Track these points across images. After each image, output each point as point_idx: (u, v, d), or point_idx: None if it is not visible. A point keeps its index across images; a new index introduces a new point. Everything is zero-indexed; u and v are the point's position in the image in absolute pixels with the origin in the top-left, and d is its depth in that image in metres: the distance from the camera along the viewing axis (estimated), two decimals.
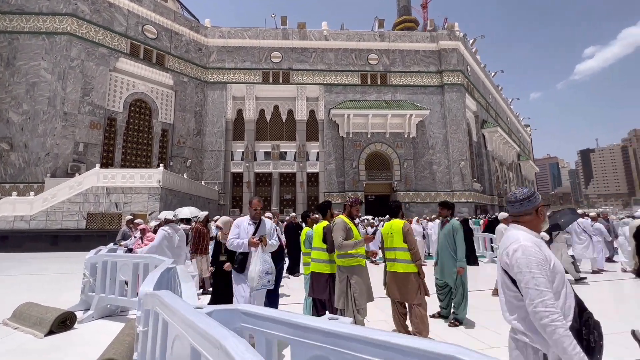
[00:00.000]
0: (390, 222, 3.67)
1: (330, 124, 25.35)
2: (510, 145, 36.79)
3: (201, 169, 24.03)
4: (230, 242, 3.33)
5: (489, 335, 3.63)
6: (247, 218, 3.61)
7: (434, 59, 27.23)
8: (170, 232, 4.74)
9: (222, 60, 25.62)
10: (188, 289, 1.85)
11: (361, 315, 3.10)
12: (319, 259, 3.71)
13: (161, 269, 2.65)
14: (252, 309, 1.36)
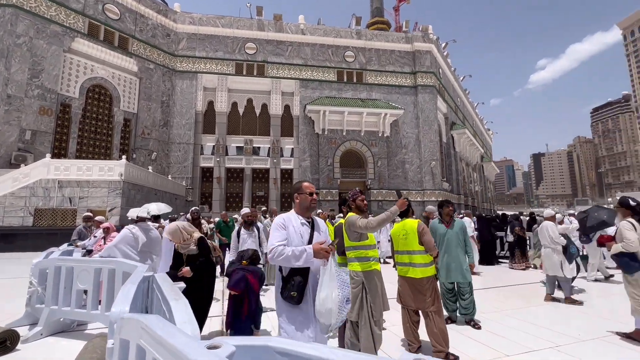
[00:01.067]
0: (402, 222, 3.38)
1: (306, 120, 24.91)
2: (475, 147, 38.59)
3: (168, 163, 22.56)
4: (279, 252, 2.02)
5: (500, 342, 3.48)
6: (294, 215, 2.30)
7: (409, 59, 27.70)
8: (135, 232, 4.09)
9: (192, 48, 24.19)
10: (182, 312, 1.40)
11: (379, 328, 2.76)
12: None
13: (136, 279, 2.14)
14: (291, 347, 0.97)
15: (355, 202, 3.06)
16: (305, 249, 2.01)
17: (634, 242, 3.53)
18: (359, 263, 2.86)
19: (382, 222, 2.66)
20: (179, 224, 3.33)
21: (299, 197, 2.29)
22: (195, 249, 3.31)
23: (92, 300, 3.48)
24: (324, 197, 23.72)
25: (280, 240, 2.08)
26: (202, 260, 3.26)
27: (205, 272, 3.27)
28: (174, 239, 3.30)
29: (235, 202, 24.16)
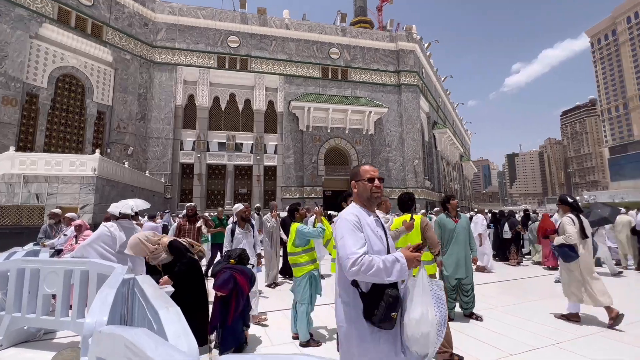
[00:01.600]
0: (402, 218, 3.23)
1: (290, 117, 24.56)
2: (456, 146, 39.52)
3: (145, 158, 21.60)
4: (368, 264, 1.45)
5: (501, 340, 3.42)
6: (359, 209, 1.69)
7: (393, 58, 27.87)
8: (113, 231, 3.71)
9: (171, 40, 23.24)
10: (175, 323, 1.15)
11: None
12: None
13: (114, 282, 1.87)
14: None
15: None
16: (397, 258, 1.48)
17: (573, 235, 4.00)
18: None
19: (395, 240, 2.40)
20: (139, 236, 2.91)
21: (357, 186, 1.74)
22: (168, 256, 2.92)
23: (62, 305, 3.11)
24: (308, 194, 23.50)
25: (360, 245, 1.51)
26: (182, 264, 2.89)
27: (190, 275, 2.96)
28: (138, 254, 2.92)
29: (217, 200, 23.51)
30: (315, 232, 3.63)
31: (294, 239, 3.67)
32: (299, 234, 3.65)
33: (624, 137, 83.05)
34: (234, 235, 4.39)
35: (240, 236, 4.37)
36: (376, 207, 3.46)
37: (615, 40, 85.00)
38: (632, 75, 79.83)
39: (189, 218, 5.46)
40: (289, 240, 3.80)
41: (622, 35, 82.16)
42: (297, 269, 3.63)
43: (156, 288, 1.71)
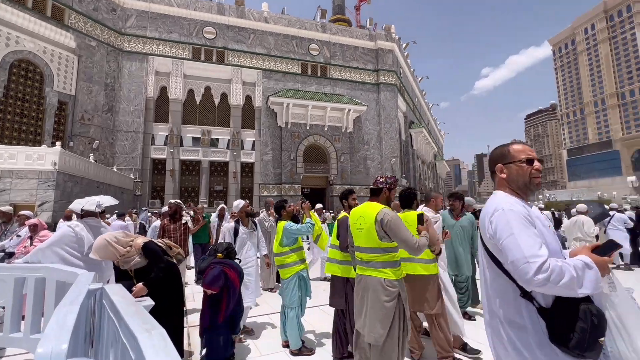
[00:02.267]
0: (404, 214, 3.01)
1: (268, 112, 24.02)
2: (430, 145, 40.57)
3: (112, 153, 20.29)
4: (558, 272, 1.08)
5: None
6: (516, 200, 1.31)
7: (372, 57, 28.02)
8: (79, 231, 3.25)
9: (142, 27, 21.93)
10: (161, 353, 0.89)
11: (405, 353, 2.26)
12: (333, 259, 3.11)
13: (77, 295, 1.55)
14: None
15: (390, 193, 2.40)
16: (587, 264, 1.10)
17: None
18: (391, 269, 2.18)
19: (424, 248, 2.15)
20: (107, 237, 2.50)
21: (508, 169, 1.36)
22: (142, 260, 2.55)
23: (12, 319, 2.66)
24: (287, 192, 23.14)
25: (539, 245, 1.15)
26: (158, 269, 2.53)
27: (167, 281, 2.63)
28: (106, 258, 2.51)
29: (191, 197, 22.56)
30: (304, 228, 3.39)
31: (281, 238, 3.41)
32: (286, 232, 3.38)
33: (580, 140, 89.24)
34: (237, 236, 3.96)
35: (245, 236, 3.94)
36: (425, 204, 3.14)
37: (574, 50, 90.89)
38: (588, 83, 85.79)
39: (171, 217, 4.81)
40: (276, 240, 3.52)
41: (580, 45, 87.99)
42: (285, 270, 3.37)
43: (131, 302, 1.41)
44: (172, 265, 2.74)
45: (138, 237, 2.72)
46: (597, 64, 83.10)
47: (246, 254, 3.94)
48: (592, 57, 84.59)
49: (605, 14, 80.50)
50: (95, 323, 1.75)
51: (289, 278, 3.32)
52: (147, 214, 12.45)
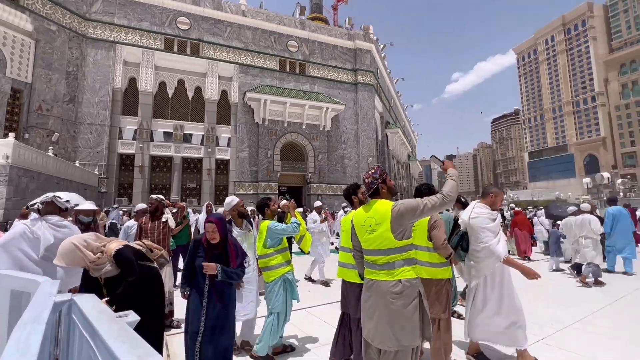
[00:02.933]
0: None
1: (245, 108, 23.42)
2: (405, 146, 41.55)
3: (75, 147, 18.87)
4: None
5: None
6: None
7: (350, 56, 28.15)
8: (36, 230, 2.83)
9: (109, 14, 20.55)
10: None
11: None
12: (348, 264, 2.79)
13: (40, 310, 1.29)
14: None
15: (387, 184, 2.16)
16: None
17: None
18: (410, 267, 1.98)
19: (457, 189, 1.93)
20: (75, 240, 2.16)
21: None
22: (114, 268, 2.21)
23: None
24: (263, 190, 22.71)
25: None
26: (126, 284, 2.19)
27: (146, 288, 2.32)
28: (73, 264, 2.16)
29: (162, 195, 21.48)
30: (290, 228, 3.18)
31: (265, 238, 3.19)
32: (270, 232, 3.17)
33: (540, 144, 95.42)
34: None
35: (240, 238, 3.51)
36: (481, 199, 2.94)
37: (536, 59, 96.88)
38: (547, 90, 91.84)
39: (152, 214, 4.28)
40: (259, 240, 3.29)
41: (541, 55, 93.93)
42: (269, 273, 3.15)
43: (111, 318, 1.18)
44: (151, 270, 2.46)
45: (112, 240, 2.37)
46: (555, 73, 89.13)
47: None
48: (552, 67, 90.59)
49: (563, 27, 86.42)
50: (61, 344, 1.48)
51: (274, 281, 3.12)
52: (118, 213, 11.64)
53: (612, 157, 72.72)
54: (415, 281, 1.99)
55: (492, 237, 2.79)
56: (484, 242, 2.78)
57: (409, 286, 1.94)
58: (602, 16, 79.97)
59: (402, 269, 1.98)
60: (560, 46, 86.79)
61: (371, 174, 2.18)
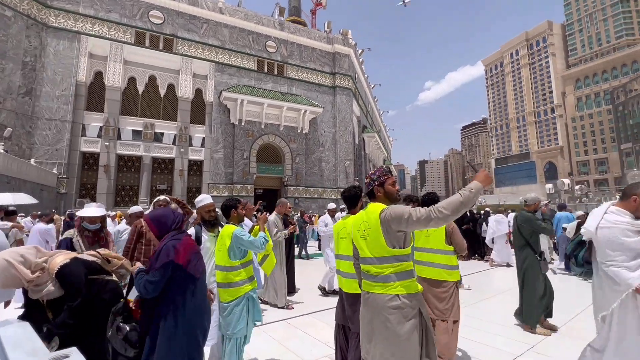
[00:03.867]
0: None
1: (221, 108, 22.72)
2: (381, 150, 42.27)
3: (30, 143, 17.37)
4: None
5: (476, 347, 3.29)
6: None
7: (329, 60, 28.23)
8: None
9: (74, 2, 19.23)
10: None
11: None
12: (345, 272, 2.47)
13: None
14: None
15: (384, 187, 1.97)
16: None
17: None
18: (406, 282, 1.78)
19: (458, 207, 1.61)
20: (8, 255, 1.76)
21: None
22: (57, 290, 1.84)
23: None
24: (238, 192, 22.08)
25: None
26: (67, 312, 1.80)
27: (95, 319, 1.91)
28: (5, 285, 1.76)
29: (129, 196, 20.35)
30: (257, 242, 2.71)
31: (230, 247, 2.67)
32: (236, 241, 2.65)
33: (505, 151, 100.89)
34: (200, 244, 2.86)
35: (209, 244, 2.89)
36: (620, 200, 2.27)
37: (502, 71, 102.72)
38: (512, 101, 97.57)
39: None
40: (219, 248, 2.76)
41: (507, 68, 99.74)
42: (230, 291, 2.63)
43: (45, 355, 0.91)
44: (105, 286, 2.04)
45: (58, 254, 1.96)
46: (519, 85, 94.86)
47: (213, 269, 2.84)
48: (516, 79, 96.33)
49: (527, 42, 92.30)
50: None
51: (236, 300, 2.62)
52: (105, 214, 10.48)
53: (569, 164, 78.31)
54: (415, 298, 1.79)
55: (628, 259, 2.02)
56: (613, 263, 2.05)
57: (408, 303, 1.75)
58: (561, 34, 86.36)
59: (400, 283, 1.78)
60: (524, 60, 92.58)
61: (370, 175, 2.02)
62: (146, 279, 1.88)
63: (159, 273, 1.88)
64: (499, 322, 4.02)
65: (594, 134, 72.13)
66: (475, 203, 1.72)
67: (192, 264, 2.01)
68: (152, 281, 1.87)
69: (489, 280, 7.02)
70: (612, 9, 73.90)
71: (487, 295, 5.51)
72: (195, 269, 2.04)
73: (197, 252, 2.12)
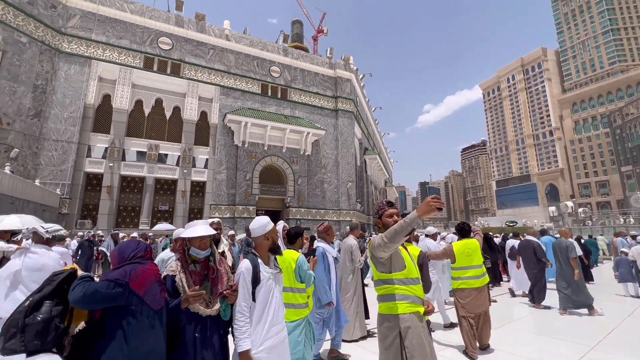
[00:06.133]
0: (465, 242, 4.14)
1: (225, 130, 23.08)
2: (382, 172, 42.44)
3: (35, 164, 17.50)
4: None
5: None
6: None
7: (331, 84, 28.98)
8: None
9: (87, 29, 20.03)
10: None
11: None
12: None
13: None
14: None
15: (382, 220, 2.20)
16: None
17: None
18: (388, 303, 2.07)
19: (394, 235, 1.86)
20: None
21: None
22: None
23: None
24: (240, 214, 21.98)
25: None
26: None
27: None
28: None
29: (130, 217, 20.24)
30: (311, 279, 2.82)
31: (295, 270, 2.75)
32: (299, 268, 2.76)
33: (506, 173, 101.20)
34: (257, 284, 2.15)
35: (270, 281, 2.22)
36: None
37: (500, 95, 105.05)
38: (511, 124, 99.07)
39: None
40: (288, 272, 2.71)
41: (504, 92, 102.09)
42: (292, 311, 2.72)
43: None
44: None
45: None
46: (517, 108, 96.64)
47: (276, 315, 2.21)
48: (514, 103, 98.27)
49: (522, 68, 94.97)
50: None
51: (296, 322, 2.68)
52: (110, 241, 10.32)
53: (570, 187, 78.24)
54: (395, 319, 2.00)
55: None
56: None
57: (389, 324, 2.00)
58: (555, 60, 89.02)
59: (384, 304, 2.11)
60: (520, 85, 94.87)
61: (374, 209, 2.43)
62: (95, 287, 1.58)
63: (104, 286, 1.61)
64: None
65: (594, 157, 72.59)
66: (410, 230, 1.91)
67: (150, 293, 1.77)
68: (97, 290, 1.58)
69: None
70: (603, 36, 76.62)
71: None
72: (155, 300, 1.78)
73: (160, 282, 1.89)
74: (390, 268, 2.09)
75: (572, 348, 4.04)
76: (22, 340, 1.31)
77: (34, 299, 1.44)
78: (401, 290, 2.03)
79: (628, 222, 37.73)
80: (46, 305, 1.44)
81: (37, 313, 1.40)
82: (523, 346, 4.13)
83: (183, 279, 1.97)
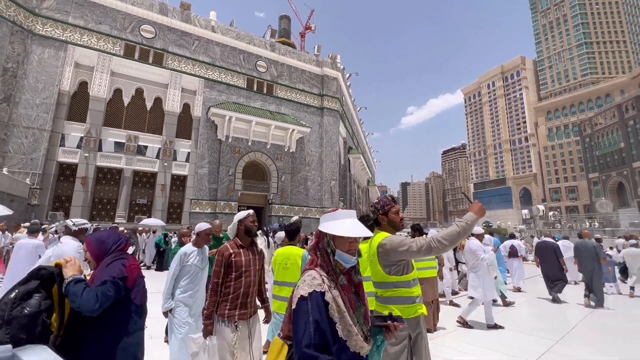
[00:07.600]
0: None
1: (208, 124, 22.64)
2: (366, 171, 42.91)
3: (3, 152, 16.55)
4: None
5: None
6: None
7: (317, 82, 28.97)
8: None
9: (64, 12, 19.07)
10: None
11: None
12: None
13: None
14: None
15: (388, 216, 2.08)
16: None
17: None
18: (399, 307, 1.91)
19: (455, 238, 1.75)
20: None
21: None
22: None
23: None
24: (222, 209, 21.67)
25: None
26: None
27: None
28: None
29: (106, 210, 19.54)
30: None
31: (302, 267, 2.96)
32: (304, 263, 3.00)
33: (484, 176, 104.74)
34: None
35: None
36: None
37: (480, 100, 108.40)
38: (490, 129, 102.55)
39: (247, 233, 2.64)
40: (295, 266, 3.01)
41: (484, 97, 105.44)
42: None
43: None
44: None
45: None
46: (496, 114, 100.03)
47: None
48: (493, 108, 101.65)
49: (502, 75, 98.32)
50: None
51: None
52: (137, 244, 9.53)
53: (542, 191, 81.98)
54: (408, 322, 1.88)
55: None
56: None
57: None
58: (533, 69, 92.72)
59: (396, 306, 1.93)
60: (500, 91, 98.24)
61: (375, 204, 2.21)
62: (102, 290, 1.53)
63: (112, 287, 1.58)
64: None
65: (565, 163, 76.34)
66: (470, 233, 1.87)
67: (136, 289, 1.76)
68: (108, 295, 1.54)
69: None
70: (577, 49, 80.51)
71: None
72: (138, 295, 1.77)
73: (142, 277, 1.86)
74: (404, 270, 1.99)
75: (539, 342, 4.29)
76: (8, 332, 1.28)
77: (19, 291, 1.41)
78: (409, 293, 1.97)
79: (593, 225, 40.06)
80: (35, 298, 1.41)
81: (25, 305, 1.37)
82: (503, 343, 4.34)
83: (338, 298, 1.26)
